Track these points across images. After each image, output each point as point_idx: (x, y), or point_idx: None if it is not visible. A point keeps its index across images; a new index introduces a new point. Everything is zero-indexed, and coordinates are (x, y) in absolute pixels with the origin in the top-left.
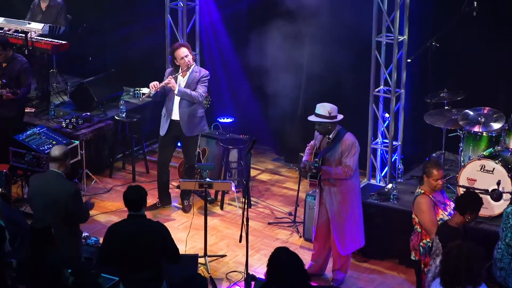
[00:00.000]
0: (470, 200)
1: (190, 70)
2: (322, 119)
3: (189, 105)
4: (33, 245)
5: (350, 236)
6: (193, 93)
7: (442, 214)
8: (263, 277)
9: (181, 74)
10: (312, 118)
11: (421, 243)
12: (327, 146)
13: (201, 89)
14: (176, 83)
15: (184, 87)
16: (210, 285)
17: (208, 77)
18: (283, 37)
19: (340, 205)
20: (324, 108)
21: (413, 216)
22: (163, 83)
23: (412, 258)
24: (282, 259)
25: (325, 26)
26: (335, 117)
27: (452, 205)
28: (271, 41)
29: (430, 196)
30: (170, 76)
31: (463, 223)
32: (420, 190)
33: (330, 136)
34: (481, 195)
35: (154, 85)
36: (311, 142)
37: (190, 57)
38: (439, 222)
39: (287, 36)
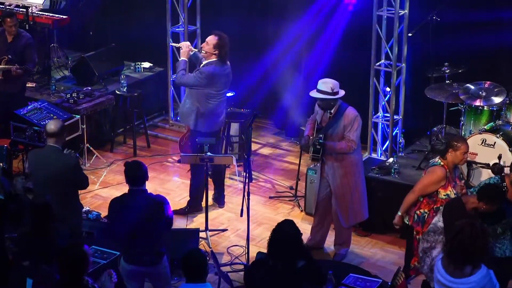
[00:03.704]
0: (493, 192)
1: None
2: (324, 95)
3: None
4: (34, 221)
5: (352, 209)
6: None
7: (450, 191)
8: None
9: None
10: (314, 94)
11: (418, 211)
12: (329, 121)
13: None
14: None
15: None
16: (211, 259)
17: None
18: (284, 10)
19: (342, 178)
20: (326, 85)
21: None
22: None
23: (406, 221)
24: (285, 231)
25: None
26: (337, 93)
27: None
28: (272, 14)
29: (447, 170)
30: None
31: (475, 208)
32: (439, 161)
33: (332, 111)
34: (482, 169)
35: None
36: (312, 116)
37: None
38: (443, 197)
39: (289, 8)
